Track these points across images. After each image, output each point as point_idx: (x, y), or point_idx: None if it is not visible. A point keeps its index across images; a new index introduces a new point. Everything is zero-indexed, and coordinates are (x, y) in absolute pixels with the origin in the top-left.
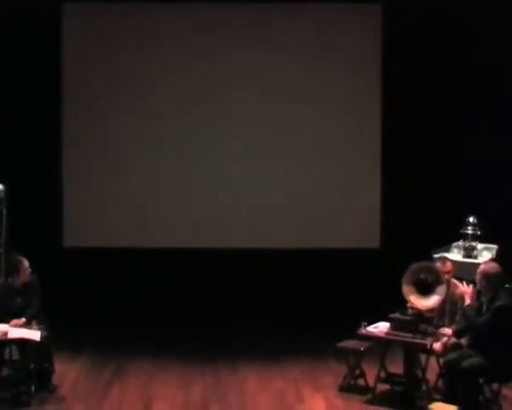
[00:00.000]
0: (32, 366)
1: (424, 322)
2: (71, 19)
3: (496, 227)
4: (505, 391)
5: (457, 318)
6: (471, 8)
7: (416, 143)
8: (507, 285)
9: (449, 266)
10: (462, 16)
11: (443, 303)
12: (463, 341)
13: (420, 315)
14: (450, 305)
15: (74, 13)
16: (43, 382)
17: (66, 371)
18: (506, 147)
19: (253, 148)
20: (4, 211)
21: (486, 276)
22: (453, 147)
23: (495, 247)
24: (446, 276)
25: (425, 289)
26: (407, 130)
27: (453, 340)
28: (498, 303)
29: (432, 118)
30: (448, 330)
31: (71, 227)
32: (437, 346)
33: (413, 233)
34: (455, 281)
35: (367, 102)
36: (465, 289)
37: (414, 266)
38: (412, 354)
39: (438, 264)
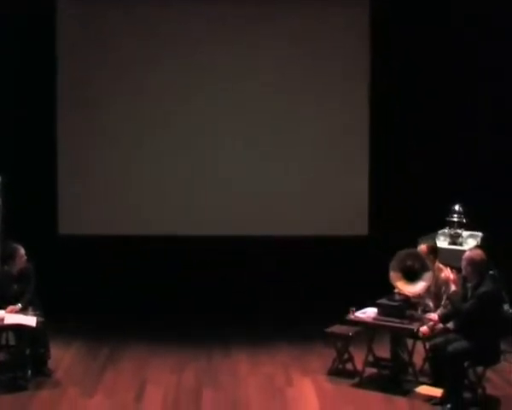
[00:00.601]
0: (28, 351)
1: (411, 307)
2: (67, 14)
3: (481, 215)
4: (489, 374)
5: (443, 302)
6: (468, 1)
7: (403, 133)
8: (491, 272)
9: (423, 248)
10: (459, 10)
11: (428, 286)
12: (449, 326)
13: (407, 301)
14: (435, 288)
15: (70, 8)
16: (39, 366)
17: (62, 356)
18: (488, 135)
19: (244, 138)
20: (0, 200)
21: (472, 262)
22: (441, 138)
23: (480, 234)
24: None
25: (412, 276)
26: (394, 120)
27: (440, 326)
28: (483, 289)
29: (418, 108)
30: (434, 316)
31: (66, 215)
32: (423, 329)
33: (400, 221)
34: (440, 265)
35: (356, 95)
36: (449, 274)
37: (401, 253)
38: (399, 338)
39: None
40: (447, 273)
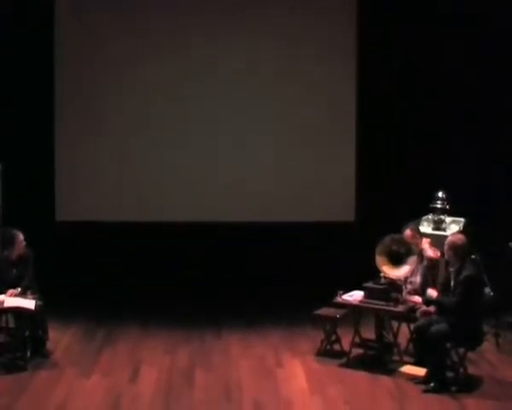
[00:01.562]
0: (27, 333)
1: (396, 290)
2: (66, 14)
3: (463, 202)
4: (470, 354)
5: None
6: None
7: (388, 117)
8: (473, 256)
9: (408, 232)
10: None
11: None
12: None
13: (392, 284)
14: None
15: (69, 8)
16: (38, 348)
17: (60, 338)
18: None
19: (242, 134)
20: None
21: (454, 247)
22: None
23: (462, 220)
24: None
25: (397, 260)
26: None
27: (423, 307)
28: (465, 273)
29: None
30: (418, 299)
31: (63, 202)
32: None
33: (386, 207)
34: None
35: (341, 85)
36: (424, 246)
37: (387, 238)
38: (383, 320)
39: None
40: (424, 247)
